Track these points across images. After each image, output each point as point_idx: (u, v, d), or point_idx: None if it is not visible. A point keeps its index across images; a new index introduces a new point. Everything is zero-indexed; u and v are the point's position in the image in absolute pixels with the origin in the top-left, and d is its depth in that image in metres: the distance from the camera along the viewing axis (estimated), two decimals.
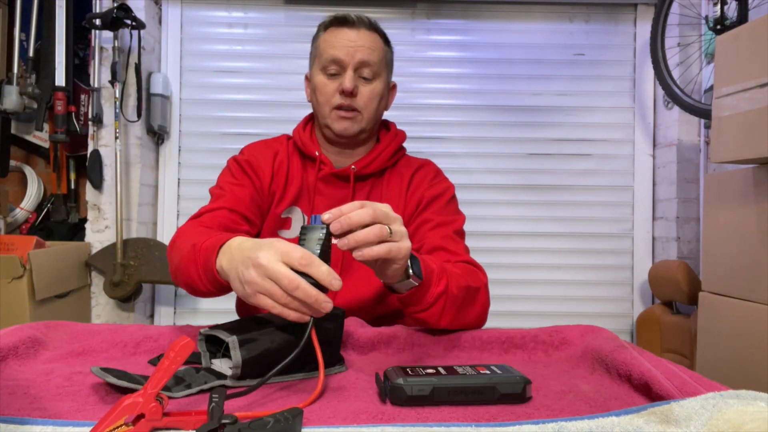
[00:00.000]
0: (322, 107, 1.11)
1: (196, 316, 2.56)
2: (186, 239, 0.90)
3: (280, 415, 0.51)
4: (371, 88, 1.10)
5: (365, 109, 1.10)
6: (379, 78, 1.12)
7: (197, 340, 0.75)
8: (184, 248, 0.88)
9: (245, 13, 2.59)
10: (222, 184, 1.11)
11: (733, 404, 0.50)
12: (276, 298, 0.64)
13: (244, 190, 1.09)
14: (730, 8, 1.95)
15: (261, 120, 2.57)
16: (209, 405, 0.52)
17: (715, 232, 1.57)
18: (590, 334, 0.85)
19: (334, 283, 0.64)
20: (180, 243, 0.92)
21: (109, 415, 0.49)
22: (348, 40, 1.08)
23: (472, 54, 2.60)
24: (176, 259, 0.91)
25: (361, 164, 1.13)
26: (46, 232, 2.46)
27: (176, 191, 2.56)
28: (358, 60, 1.08)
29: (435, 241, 1.05)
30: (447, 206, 1.13)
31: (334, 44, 1.09)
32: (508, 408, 0.60)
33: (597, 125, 2.59)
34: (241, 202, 1.07)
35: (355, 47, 1.08)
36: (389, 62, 1.16)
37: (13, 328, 0.82)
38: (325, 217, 0.66)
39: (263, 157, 1.14)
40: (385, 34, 1.14)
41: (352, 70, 1.08)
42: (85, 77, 2.39)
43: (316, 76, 1.12)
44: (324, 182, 1.13)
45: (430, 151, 2.53)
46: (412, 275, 0.78)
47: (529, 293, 2.55)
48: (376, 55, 1.10)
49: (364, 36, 1.09)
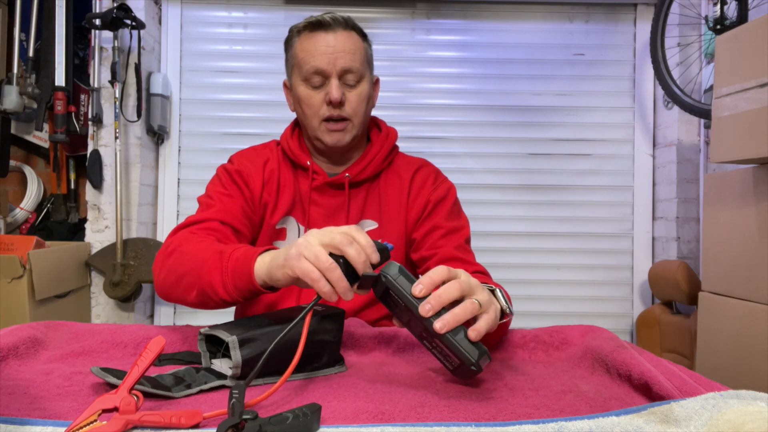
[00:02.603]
0: (310, 120, 1.08)
1: (196, 316, 2.56)
2: (199, 248, 0.88)
3: (299, 411, 0.51)
4: (357, 92, 1.07)
5: (355, 115, 1.07)
6: (364, 80, 1.08)
7: (197, 340, 0.75)
8: (200, 256, 0.86)
9: (245, 13, 2.59)
10: (211, 193, 1.08)
11: (733, 404, 0.50)
12: (320, 263, 0.67)
13: (235, 201, 1.06)
14: (730, 8, 1.95)
15: (261, 120, 2.56)
16: (230, 401, 0.53)
17: (715, 232, 1.57)
18: (590, 334, 0.85)
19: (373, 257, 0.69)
20: (188, 251, 0.89)
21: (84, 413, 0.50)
22: (326, 46, 1.04)
23: (472, 54, 2.60)
24: (182, 267, 0.88)
25: (355, 171, 1.11)
26: (46, 232, 2.46)
27: (176, 191, 2.56)
28: (340, 68, 1.04)
29: (449, 252, 1.05)
30: (453, 209, 1.13)
31: (313, 53, 1.04)
32: (508, 408, 0.60)
33: (597, 125, 2.59)
34: (231, 213, 1.03)
35: (335, 54, 1.04)
36: (370, 59, 1.12)
37: (13, 328, 0.82)
38: (416, 291, 0.65)
39: (253, 166, 1.11)
40: (360, 29, 1.10)
41: (336, 78, 1.04)
42: (85, 77, 2.39)
43: (298, 88, 1.08)
44: (318, 192, 1.11)
45: (430, 151, 2.53)
46: (506, 314, 0.78)
47: (529, 293, 2.55)
48: (358, 59, 1.06)
49: (342, 39, 1.05)
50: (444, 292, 0.65)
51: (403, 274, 0.66)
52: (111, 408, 0.51)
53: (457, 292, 0.66)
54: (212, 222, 1.01)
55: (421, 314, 0.63)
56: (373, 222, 1.12)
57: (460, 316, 0.64)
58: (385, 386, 0.68)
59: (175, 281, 0.90)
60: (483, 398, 0.64)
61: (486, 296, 0.69)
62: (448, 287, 0.66)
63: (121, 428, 0.49)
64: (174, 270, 0.90)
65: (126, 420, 0.50)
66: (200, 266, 0.85)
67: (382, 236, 1.11)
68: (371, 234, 1.10)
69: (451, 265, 1.02)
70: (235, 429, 0.48)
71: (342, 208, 1.10)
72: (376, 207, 1.12)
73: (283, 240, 1.11)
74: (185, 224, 1.01)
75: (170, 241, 0.95)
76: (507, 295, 0.81)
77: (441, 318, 0.63)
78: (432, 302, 0.64)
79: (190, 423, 0.52)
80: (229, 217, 1.03)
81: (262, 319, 0.75)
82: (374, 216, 1.12)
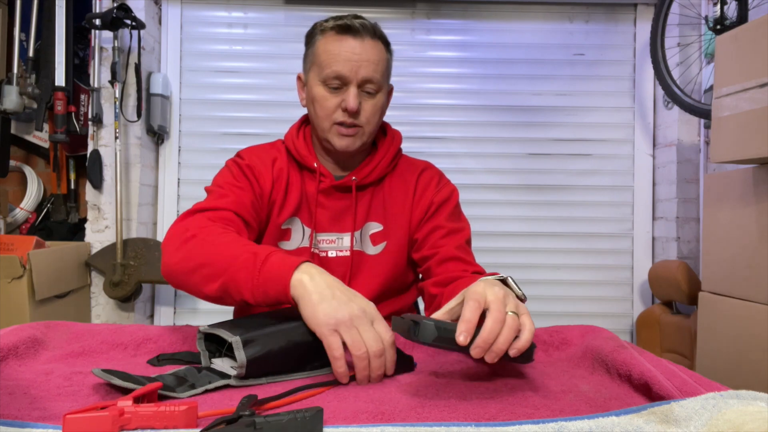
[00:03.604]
0: (322, 121, 1.06)
1: (195, 315, 2.56)
2: (224, 241, 0.85)
3: (299, 413, 0.52)
4: (374, 102, 1.06)
5: (367, 124, 1.06)
6: (382, 91, 1.07)
7: (196, 339, 0.75)
8: (228, 251, 0.82)
9: (245, 13, 2.59)
10: (222, 183, 1.06)
11: (733, 404, 0.50)
12: (354, 349, 0.69)
13: (245, 193, 1.05)
14: (730, 8, 1.95)
15: (261, 120, 2.56)
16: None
17: (715, 232, 1.57)
18: (590, 334, 0.85)
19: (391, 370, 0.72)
20: (211, 241, 0.85)
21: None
22: (352, 53, 1.02)
23: (472, 54, 2.60)
24: (203, 257, 0.84)
25: (362, 174, 1.11)
26: (46, 232, 2.46)
27: (176, 191, 2.56)
28: (362, 77, 1.02)
29: (450, 252, 1.05)
30: (455, 211, 1.14)
31: (336, 57, 1.02)
32: (508, 408, 0.60)
33: (597, 125, 2.59)
34: (243, 205, 1.01)
35: (359, 62, 1.02)
36: (390, 70, 1.11)
37: (13, 328, 0.82)
38: (461, 340, 0.64)
39: (263, 164, 1.09)
40: (386, 37, 1.08)
41: (355, 86, 1.03)
42: (85, 77, 2.39)
43: (315, 87, 1.06)
44: (325, 195, 1.10)
45: (431, 151, 2.53)
46: (522, 300, 0.79)
47: (529, 293, 2.52)
48: (380, 70, 1.04)
49: (369, 48, 1.03)
50: (489, 335, 0.64)
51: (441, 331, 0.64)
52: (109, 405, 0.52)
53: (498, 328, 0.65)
54: (227, 212, 0.98)
55: (474, 357, 0.65)
56: (378, 224, 1.12)
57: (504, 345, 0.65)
58: (385, 386, 0.68)
59: (192, 268, 0.85)
60: (483, 398, 0.64)
61: (513, 303, 0.68)
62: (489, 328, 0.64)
63: (117, 414, 0.50)
64: (192, 257, 0.85)
65: (122, 409, 0.51)
66: (229, 261, 0.81)
67: (386, 237, 1.11)
68: (376, 236, 1.11)
69: (452, 264, 1.04)
70: (228, 423, 0.49)
71: (348, 211, 1.11)
72: (380, 209, 1.13)
73: (288, 240, 1.10)
74: (197, 209, 0.98)
75: (186, 225, 0.91)
76: (515, 281, 0.81)
77: (490, 352, 0.64)
78: (481, 345, 0.64)
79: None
80: (241, 209, 1.01)
81: (262, 318, 0.75)
82: (379, 218, 1.12)
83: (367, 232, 1.12)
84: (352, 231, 1.10)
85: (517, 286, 0.79)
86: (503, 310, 0.66)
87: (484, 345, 0.64)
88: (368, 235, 1.12)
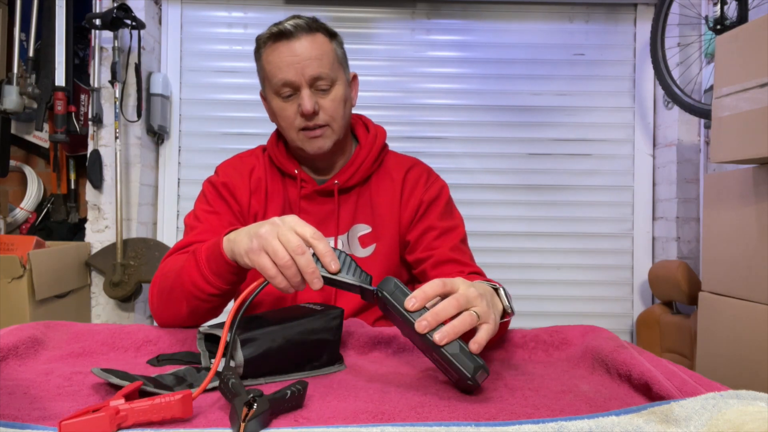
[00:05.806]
0: (288, 131, 1.06)
1: None
2: (176, 262, 0.91)
3: (293, 387, 0.58)
4: (331, 97, 1.03)
5: (332, 120, 1.04)
6: (338, 82, 1.04)
7: (196, 339, 0.75)
8: (178, 267, 0.89)
9: (245, 13, 2.59)
10: (198, 213, 1.08)
11: (733, 404, 0.50)
12: (278, 259, 0.68)
13: (222, 217, 1.06)
14: (730, 8, 1.95)
15: (261, 120, 2.55)
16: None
17: (715, 232, 1.57)
18: (590, 334, 0.85)
19: (332, 265, 0.68)
20: (169, 270, 0.92)
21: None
22: (292, 56, 1.00)
23: (472, 54, 2.60)
24: (167, 285, 0.91)
25: (344, 177, 1.09)
26: (46, 232, 2.46)
27: (176, 191, 2.56)
28: (309, 76, 1.00)
29: (445, 254, 1.04)
30: (446, 208, 1.12)
31: (279, 65, 1.01)
32: (508, 408, 0.60)
33: (597, 125, 2.59)
34: (216, 233, 1.00)
35: (301, 62, 1.00)
36: (342, 58, 1.08)
37: (13, 328, 0.82)
38: (409, 305, 0.63)
39: (239, 176, 1.10)
40: (327, 28, 1.05)
41: (307, 87, 1.01)
42: (85, 77, 2.39)
43: (272, 100, 1.06)
44: (307, 200, 1.09)
45: (430, 151, 2.53)
46: (507, 314, 0.78)
47: (529, 293, 2.55)
48: (326, 63, 1.02)
49: (307, 45, 1.01)
50: (442, 309, 0.64)
51: (398, 290, 0.65)
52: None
53: (453, 308, 0.64)
54: (197, 245, 1.01)
55: (418, 330, 0.62)
56: (366, 226, 1.10)
57: (458, 328, 0.63)
58: (385, 386, 0.68)
59: (165, 301, 0.92)
60: (483, 398, 0.64)
61: (484, 307, 0.67)
62: (445, 304, 0.64)
63: (113, 413, 0.50)
64: (162, 292, 0.93)
65: (116, 407, 0.51)
66: (180, 274, 0.88)
67: (376, 239, 1.10)
68: (364, 238, 1.10)
69: (448, 267, 1.03)
70: (249, 405, 0.53)
71: (332, 215, 1.09)
72: (368, 210, 1.11)
73: None
74: (176, 249, 1.02)
75: (162, 269, 0.97)
76: (508, 294, 0.80)
77: (439, 330, 0.62)
78: (429, 318, 0.62)
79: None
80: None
81: (261, 318, 0.75)
82: (367, 220, 1.10)
83: (355, 235, 1.10)
84: (335, 235, 1.09)
85: (508, 300, 0.78)
86: (468, 301, 0.66)
87: (432, 319, 0.62)
88: (356, 237, 1.10)
